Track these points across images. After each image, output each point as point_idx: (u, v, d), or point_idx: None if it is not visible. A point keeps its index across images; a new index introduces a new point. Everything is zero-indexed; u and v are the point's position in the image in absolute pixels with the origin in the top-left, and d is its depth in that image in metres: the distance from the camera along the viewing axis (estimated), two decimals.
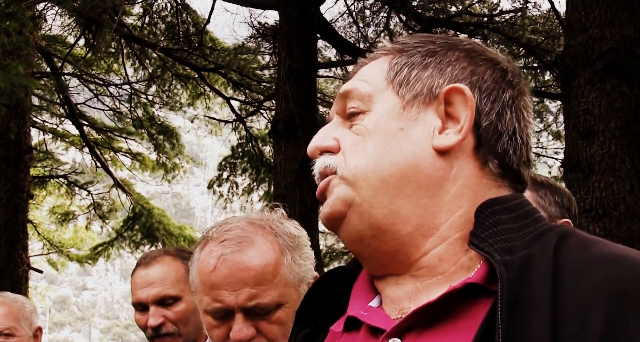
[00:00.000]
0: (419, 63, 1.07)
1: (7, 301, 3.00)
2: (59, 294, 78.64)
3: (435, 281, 0.99)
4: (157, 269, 2.44)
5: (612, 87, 5.53)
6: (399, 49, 1.10)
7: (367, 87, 1.08)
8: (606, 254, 0.89)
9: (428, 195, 1.01)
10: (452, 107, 1.03)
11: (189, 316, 2.37)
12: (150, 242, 12.20)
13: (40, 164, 12.42)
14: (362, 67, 1.14)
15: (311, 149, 1.10)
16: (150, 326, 2.38)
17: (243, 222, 1.70)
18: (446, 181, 1.01)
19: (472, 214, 1.00)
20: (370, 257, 1.06)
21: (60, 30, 11.33)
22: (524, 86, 1.10)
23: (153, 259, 2.47)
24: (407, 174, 1.01)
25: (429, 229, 1.01)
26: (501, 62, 1.10)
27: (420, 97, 1.04)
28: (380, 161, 1.02)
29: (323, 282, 1.15)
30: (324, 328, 1.11)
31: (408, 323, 0.96)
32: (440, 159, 1.01)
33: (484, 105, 1.04)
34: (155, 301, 2.38)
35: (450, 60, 1.07)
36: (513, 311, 0.85)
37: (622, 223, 5.30)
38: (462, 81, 1.05)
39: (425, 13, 9.82)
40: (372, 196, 1.02)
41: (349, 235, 1.06)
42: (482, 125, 1.03)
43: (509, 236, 0.95)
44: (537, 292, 0.86)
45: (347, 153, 1.05)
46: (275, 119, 8.33)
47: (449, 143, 1.01)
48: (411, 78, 1.06)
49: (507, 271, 0.89)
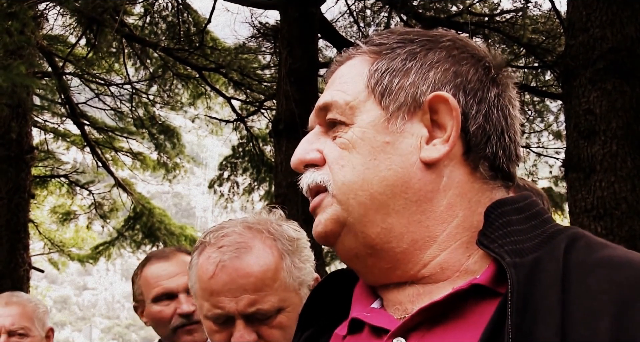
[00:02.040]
0: (400, 69, 1.03)
1: (21, 301, 3.01)
2: (60, 294, 78.67)
3: (439, 285, 0.99)
4: (179, 261, 2.45)
5: (613, 86, 5.53)
6: (377, 50, 1.06)
7: (346, 97, 1.04)
8: (614, 258, 0.89)
9: (420, 210, 0.99)
10: (437, 115, 1.01)
11: None
12: (151, 241, 12.21)
13: (42, 164, 12.42)
14: (337, 69, 1.10)
15: (295, 163, 1.08)
16: (183, 313, 2.37)
17: (240, 226, 1.68)
18: (437, 193, 1.00)
19: (469, 221, 0.99)
20: (368, 272, 1.05)
21: (62, 30, 11.34)
22: (508, 79, 1.08)
23: (170, 253, 2.49)
24: (397, 191, 0.99)
25: (424, 242, 0.99)
26: (483, 57, 1.06)
27: (404, 107, 1.01)
28: (368, 178, 1.00)
29: (325, 285, 1.14)
30: (326, 330, 1.10)
31: (413, 323, 0.95)
32: (429, 171, 1.00)
33: (470, 108, 1.01)
34: (187, 289, 2.35)
35: (432, 63, 1.03)
36: (523, 314, 0.85)
37: (623, 223, 5.30)
38: (446, 85, 1.02)
39: (426, 12, 9.82)
40: (363, 214, 1.00)
41: (344, 253, 1.05)
42: (470, 130, 1.01)
43: (518, 238, 0.95)
44: (546, 296, 0.86)
45: (334, 167, 1.03)
46: (276, 118, 8.33)
47: (437, 155, 0.99)
48: (394, 87, 1.02)
49: (517, 273, 0.88)
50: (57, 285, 75.48)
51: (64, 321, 76.19)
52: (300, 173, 1.09)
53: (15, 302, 2.98)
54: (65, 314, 78.88)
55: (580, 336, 0.82)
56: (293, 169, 1.09)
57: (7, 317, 2.92)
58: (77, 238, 13.63)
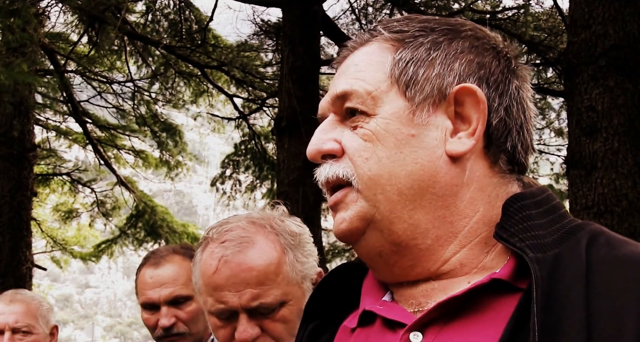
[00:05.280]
0: (425, 59, 1.00)
1: (25, 298, 3.02)
2: (62, 292, 78.77)
3: (454, 280, 0.98)
4: (168, 269, 2.41)
5: (615, 83, 5.52)
6: (398, 38, 1.03)
7: (367, 87, 1.01)
8: (637, 256, 0.89)
9: (445, 205, 0.98)
10: (462, 108, 0.99)
11: (199, 315, 2.36)
12: (153, 239, 12.21)
13: (44, 162, 12.43)
14: (351, 56, 1.06)
15: (312, 153, 1.04)
16: (162, 326, 2.37)
17: (243, 221, 1.68)
18: (461, 187, 0.98)
19: (489, 216, 0.98)
20: (388, 269, 1.02)
21: (64, 28, 11.33)
22: (525, 71, 1.06)
23: (162, 258, 2.44)
24: (424, 185, 0.97)
25: (447, 238, 0.98)
26: (504, 49, 1.05)
27: (429, 98, 0.99)
28: (394, 172, 0.97)
29: (332, 278, 1.13)
30: (332, 323, 1.10)
31: (430, 317, 0.94)
32: (454, 165, 0.98)
33: (493, 101, 1.00)
34: (167, 301, 2.37)
35: (457, 53, 1.01)
36: (548, 310, 0.84)
37: (624, 219, 5.30)
38: (470, 76, 1.00)
39: (428, 10, 9.81)
40: (391, 210, 0.97)
41: (367, 251, 1.02)
42: (493, 123, 0.99)
43: (538, 232, 0.94)
44: (570, 292, 0.85)
45: (356, 160, 0.99)
46: (278, 116, 8.33)
47: (464, 149, 0.98)
48: (419, 78, 0.99)
49: (540, 269, 0.87)
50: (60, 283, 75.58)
51: (66, 319, 76.31)
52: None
53: (19, 300, 2.99)
54: (67, 312, 79.00)
55: (606, 333, 0.81)
56: (309, 160, 1.05)
57: (10, 315, 2.92)
58: (80, 236, 13.65)
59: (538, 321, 0.83)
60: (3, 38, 7.53)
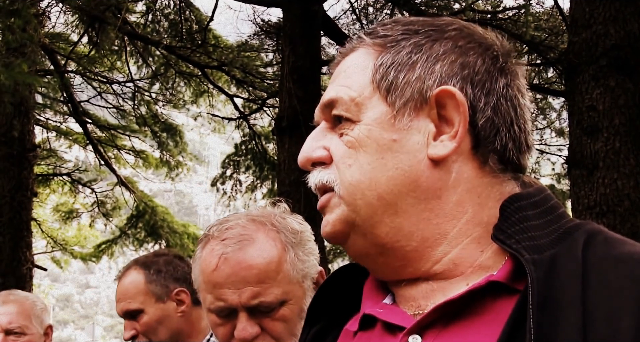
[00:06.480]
0: (406, 63, 0.99)
1: (18, 299, 3.00)
2: (62, 292, 78.82)
3: (452, 281, 0.97)
4: (122, 285, 2.50)
5: (616, 83, 5.52)
6: (381, 43, 1.02)
7: (351, 93, 1.01)
8: (635, 255, 0.88)
9: (428, 208, 0.97)
10: (445, 110, 0.98)
11: (154, 325, 2.43)
12: (153, 239, 12.22)
13: (44, 162, 12.43)
14: (341, 62, 1.07)
15: (302, 161, 1.05)
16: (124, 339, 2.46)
17: (244, 219, 1.67)
18: (445, 190, 0.97)
19: (479, 216, 0.98)
20: (380, 269, 1.03)
21: (64, 28, 11.33)
22: (516, 66, 1.04)
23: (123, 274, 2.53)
24: (404, 190, 0.97)
25: (435, 240, 0.98)
26: (491, 46, 1.03)
27: (410, 103, 0.98)
28: (375, 177, 0.97)
29: (333, 280, 1.12)
30: (335, 325, 1.09)
31: (428, 320, 0.94)
32: (437, 168, 0.97)
33: (478, 101, 0.98)
34: (122, 315, 2.46)
35: (438, 55, 1.00)
36: (544, 311, 0.84)
37: (626, 219, 5.29)
38: (453, 78, 0.98)
39: (429, 10, 9.81)
40: (371, 215, 0.98)
41: (354, 252, 1.04)
42: (479, 123, 0.98)
43: (535, 233, 0.93)
44: (566, 293, 0.85)
45: (340, 167, 1.00)
46: (278, 116, 8.33)
47: (445, 152, 0.97)
48: (399, 83, 0.99)
49: (536, 270, 0.87)
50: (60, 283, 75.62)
51: (66, 319, 76.33)
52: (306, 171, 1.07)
53: (12, 301, 2.98)
54: (67, 312, 79.04)
55: (602, 333, 0.81)
56: (300, 167, 1.06)
57: (4, 316, 2.91)
58: (80, 236, 13.65)
59: (534, 322, 0.83)
60: (3, 38, 7.53)
